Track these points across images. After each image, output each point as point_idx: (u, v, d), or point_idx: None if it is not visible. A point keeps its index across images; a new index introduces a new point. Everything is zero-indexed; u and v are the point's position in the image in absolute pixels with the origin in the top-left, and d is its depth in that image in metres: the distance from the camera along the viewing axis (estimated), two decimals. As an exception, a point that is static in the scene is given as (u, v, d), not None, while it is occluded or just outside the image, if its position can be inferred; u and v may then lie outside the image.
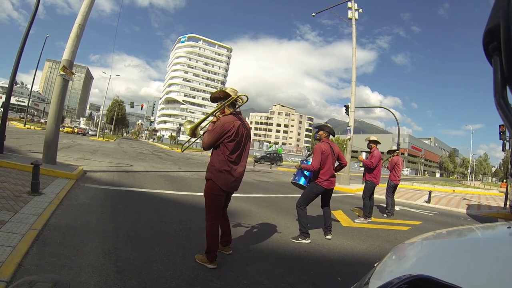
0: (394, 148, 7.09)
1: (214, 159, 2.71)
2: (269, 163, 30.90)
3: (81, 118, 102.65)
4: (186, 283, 2.31)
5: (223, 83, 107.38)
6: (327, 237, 4.11)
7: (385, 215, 6.57)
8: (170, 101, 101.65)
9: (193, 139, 2.96)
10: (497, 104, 0.40)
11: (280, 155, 36.14)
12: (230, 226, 3.11)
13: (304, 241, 3.80)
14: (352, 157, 15.33)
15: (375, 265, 1.06)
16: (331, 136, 4.19)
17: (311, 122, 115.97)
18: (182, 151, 6.41)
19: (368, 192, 5.81)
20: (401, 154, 68.35)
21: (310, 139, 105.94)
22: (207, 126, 2.77)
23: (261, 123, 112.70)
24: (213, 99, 2.91)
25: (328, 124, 4.32)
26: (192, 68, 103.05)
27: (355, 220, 5.62)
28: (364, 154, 6.03)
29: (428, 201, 10.09)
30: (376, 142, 5.91)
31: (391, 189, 6.70)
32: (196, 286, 2.29)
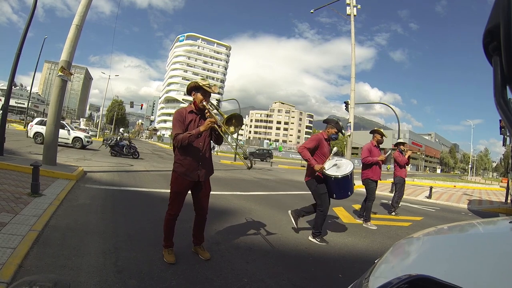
0: (402, 140, 6.73)
1: None
2: (259, 159, 30.86)
3: (81, 119, 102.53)
4: (186, 281, 2.31)
5: (222, 81, 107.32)
6: None
7: (393, 213, 6.47)
8: (169, 100, 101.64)
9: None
10: (497, 104, 0.41)
11: (270, 151, 35.32)
12: None
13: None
14: (352, 153, 15.31)
15: (375, 261, 1.05)
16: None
17: (311, 119, 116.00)
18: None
19: None
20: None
21: (310, 136, 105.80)
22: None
23: (261, 120, 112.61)
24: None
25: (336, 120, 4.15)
26: (191, 66, 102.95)
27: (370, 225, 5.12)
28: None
29: (429, 196, 10.09)
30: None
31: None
32: (197, 285, 2.28)
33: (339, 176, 3.69)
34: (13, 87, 8.07)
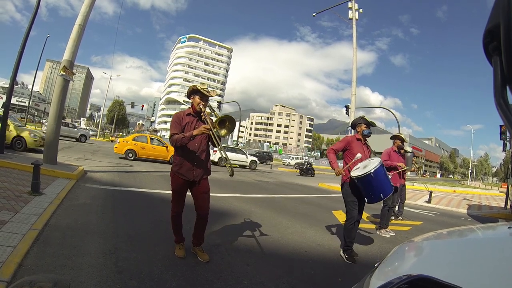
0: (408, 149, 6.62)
1: None
2: (259, 162, 30.84)
3: (81, 119, 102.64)
4: (186, 283, 2.31)
5: (223, 83, 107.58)
6: None
7: (392, 217, 6.37)
8: (170, 102, 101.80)
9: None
10: (497, 104, 0.40)
11: (270, 154, 35.05)
12: None
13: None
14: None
15: (375, 265, 1.06)
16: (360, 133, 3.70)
17: (311, 123, 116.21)
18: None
19: None
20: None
21: (310, 140, 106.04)
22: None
23: (261, 123, 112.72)
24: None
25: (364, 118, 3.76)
26: (192, 68, 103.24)
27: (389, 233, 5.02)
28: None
29: (429, 201, 10.08)
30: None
31: None
32: (197, 287, 2.28)
33: (361, 175, 3.15)
34: (14, 85, 8.10)
